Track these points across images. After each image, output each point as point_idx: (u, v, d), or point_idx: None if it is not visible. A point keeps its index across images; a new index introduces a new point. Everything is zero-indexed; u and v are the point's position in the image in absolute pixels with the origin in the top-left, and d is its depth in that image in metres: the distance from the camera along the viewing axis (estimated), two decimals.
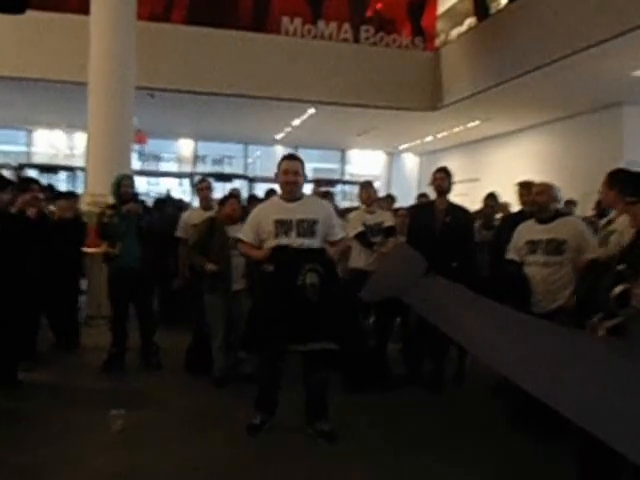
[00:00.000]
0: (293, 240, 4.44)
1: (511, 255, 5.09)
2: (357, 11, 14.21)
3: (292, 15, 13.38)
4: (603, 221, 4.72)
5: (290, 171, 4.55)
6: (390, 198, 8.93)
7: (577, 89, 11.17)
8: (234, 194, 6.68)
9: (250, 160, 20.42)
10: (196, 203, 8.20)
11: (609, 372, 2.73)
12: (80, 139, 17.47)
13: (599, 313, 3.29)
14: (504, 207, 8.02)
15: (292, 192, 4.58)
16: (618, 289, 3.11)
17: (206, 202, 6.98)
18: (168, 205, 9.74)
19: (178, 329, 7.14)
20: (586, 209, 8.60)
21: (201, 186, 7.17)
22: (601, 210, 6.76)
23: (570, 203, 8.59)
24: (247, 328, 4.73)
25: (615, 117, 12.17)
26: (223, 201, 6.15)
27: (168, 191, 11.86)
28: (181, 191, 18.59)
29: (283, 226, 4.47)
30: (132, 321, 6.42)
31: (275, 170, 4.65)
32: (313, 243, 4.50)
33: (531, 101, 12.42)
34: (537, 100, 12.31)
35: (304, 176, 4.65)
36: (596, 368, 2.78)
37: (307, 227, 4.49)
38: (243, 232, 4.72)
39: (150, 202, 10.03)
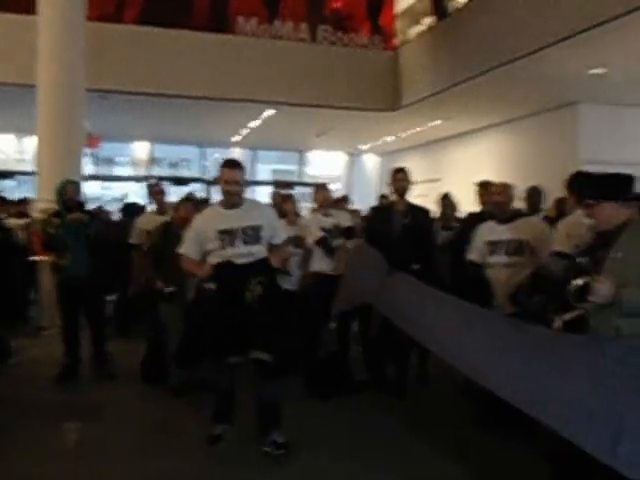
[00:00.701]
0: (240, 249, 4.39)
1: (472, 256, 5.11)
2: (314, 10, 14.18)
3: (248, 15, 13.31)
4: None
5: (230, 181, 4.47)
6: (344, 199, 8.92)
7: (535, 88, 11.30)
8: (189, 197, 6.61)
9: (207, 163, 20.26)
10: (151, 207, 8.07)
11: (569, 368, 2.76)
12: (30, 143, 17.14)
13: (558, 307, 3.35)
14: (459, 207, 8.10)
15: (232, 200, 4.51)
16: (578, 282, 3.11)
17: (160, 207, 6.90)
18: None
19: (134, 338, 7.05)
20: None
21: (155, 190, 7.09)
22: (560, 209, 6.88)
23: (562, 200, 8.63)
24: (183, 343, 4.67)
25: (572, 115, 12.35)
26: (178, 205, 6.08)
27: (126, 195, 11.70)
28: (136, 195, 18.37)
29: (228, 236, 4.40)
30: (86, 330, 6.32)
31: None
32: (259, 250, 4.47)
33: (490, 100, 12.53)
34: (496, 99, 12.43)
35: (246, 182, 4.61)
36: (558, 365, 2.81)
37: (252, 234, 4.45)
38: (183, 246, 4.59)
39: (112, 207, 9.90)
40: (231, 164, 4.59)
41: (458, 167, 16.15)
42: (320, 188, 6.58)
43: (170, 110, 14.18)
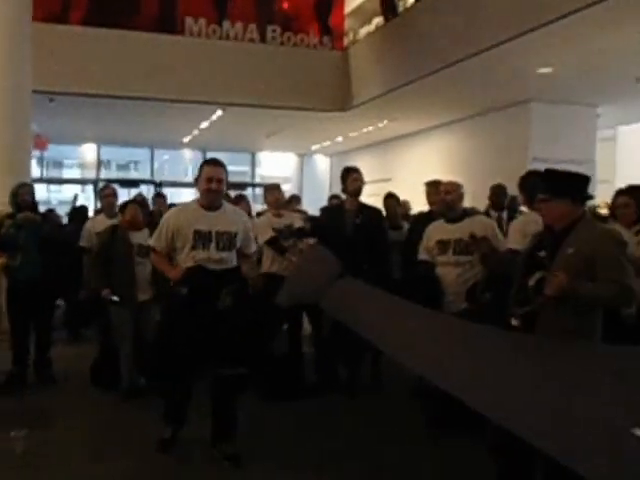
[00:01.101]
0: (212, 254, 4.25)
1: (422, 255, 5.13)
2: (263, 11, 14.12)
3: (196, 16, 13.20)
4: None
5: (214, 178, 4.29)
6: (295, 199, 8.91)
7: (485, 87, 11.40)
8: (137, 199, 6.52)
9: (157, 165, 20.04)
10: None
11: (518, 367, 2.82)
12: None
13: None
14: (405, 206, 8.20)
15: (214, 201, 4.34)
16: (536, 277, 3.20)
17: (110, 209, 6.79)
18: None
19: (85, 341, 6.92)
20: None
21: (105, 193, 6.99)
22: (511, 206, 7.02)
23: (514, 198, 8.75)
24: (154, 354, 4.61)
25: (522, 114, 12.46)
26: (123, 207, 6.00)
27: (76, 196, 11.39)
28: (85, 198, 18.06)
29: (202, 238, 4.25)
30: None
31: (185, 174, 4.51)
32: (230, 257, 4.35)
33: (440, 100, 12.62)
34: (446, 98, 12.51)
35: (227, 183, 4.44)
36: (507, 364, 2.87)
37: (227, 240, 4.31)
38: (155, 238, 4.43)
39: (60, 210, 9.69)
40: (214, 162, 4.43)
41: (408, 167, 16.25)
42: (271, 189, 6.55)
43: (118, 112, 14.00)
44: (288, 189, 14.87)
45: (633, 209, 4.78)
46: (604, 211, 5.16)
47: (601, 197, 7.45)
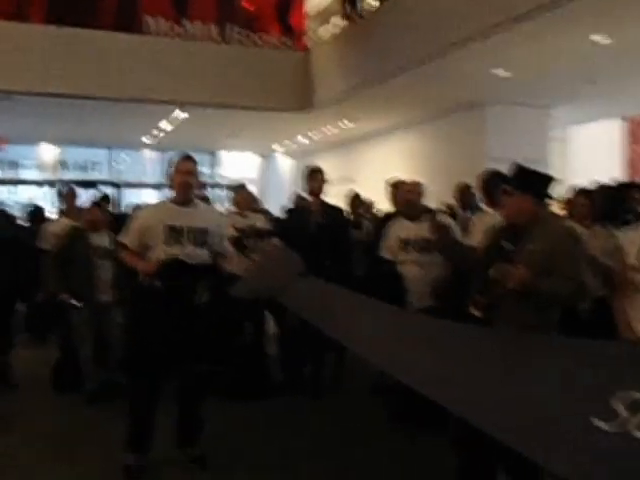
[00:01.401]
0: (185, 249, 4.14)
1: (384, 253, 5.19)
2: (223, 11, 14.00)
3: (155, 14, 13.04)
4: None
5: (188, 171, 4.25)
6: (255, 200, 8.86)
7: (443, 89, 11.57)
8: (96, 201, 6.42)
9: (117, 165, 19.80)
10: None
11: (480, 361, 2.83)
12: None
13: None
14: (368, 206, 8.25)
15: (187, 194, 4.27)
16: (500, 268, 3.24)
17: (70, 211, 6.69)
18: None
19: (47, 344, 6.81)
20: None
21: (66, 194, 6.89)
22: (463, 203, 7.15)
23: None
24: (128, 349, 4.46)
25: (478, 116, 12.73)
26: (84, 208, 5.92)
27: (31, 200, 11.22)
28: (43, 199, 17.75)
29: (175, 233, 4.15)
30: None
31: (145, 175, 4.42)
32: (204, 254, 4.24)
33: (401, 101, 12.75)
34: (407, 100, 12.64)
35: (199, 180, 4.40)
36: (469, 358, 2.88)
37: (200, 236, 4.22)
38: (126, 236, 4.29)
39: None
40: (186, 157, 4.37)
41: (371, 167, 16.38)
42: (239, 189, 6.53)
43: (78, 111, 13.79)
44: (251, 190, 14.78)
45: (588, 209, 5.01)
46: (557, 208, 5.33)
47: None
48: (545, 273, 3.19)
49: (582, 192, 5.22)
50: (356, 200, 7.17)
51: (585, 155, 15.17)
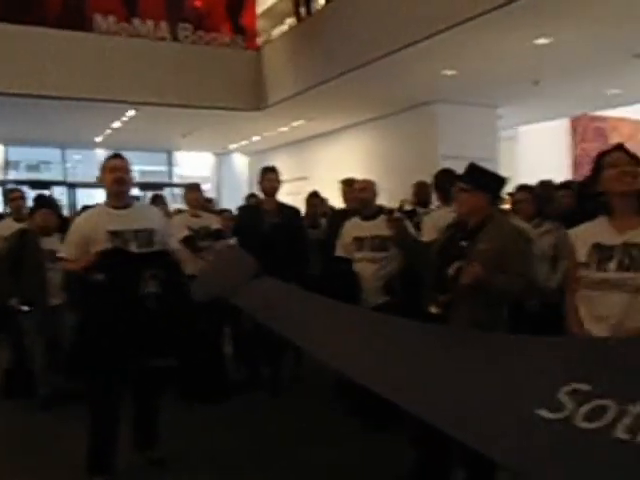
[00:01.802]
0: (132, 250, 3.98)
1: (340, 252, 5.22)
2: (173, 9, 13.85)
3: (105, 12, 12.81)
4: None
5: (118, 167, 4.05)
6: (209, 200, 8.80)
7: (395, 87, 11.70)
8: (47, 204, 6.29)
9: (69, 165, 19.43)
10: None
11: (433, 359, 2.88)
12: None
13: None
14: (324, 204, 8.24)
15: (122, 194, 4.08)
16: (455, 266, 3.34)
17: (18, 213, 6.53)
18: None
19: None
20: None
21: (13, 196, 6.72)
22: (421, 201, 7.21)
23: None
24: (73, 350, 4.20)
25: (430, 114, 12.97)
26: (33, 211, 5.79)
27: None
28: None
29: (118, 238, 3.95)
30: None
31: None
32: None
33: (352, 100, 12.83)
34: (358, 99, 12.75)
35: (132, 178, 4.18)
36: (422, 356, 2.92)
37: (145, 237, 4.04)
38: (65, 249, 4.12)
39: None
40: (115, 155, 4.17)
41: (324, 165, 16.47)
42: (191, 188, 6.46)
43: (27, 110, 13.42)
44: (206, 188, 14.73)
45: (531, 204, 5.12)
46: (506, 205, 5.49)
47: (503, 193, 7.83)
48: (497, 270, 3.28)
49: (524, 188, 5.38)
50: (314, 198, 7.15)
51: (533, 154, 15.61)
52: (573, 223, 3.21)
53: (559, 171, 13.99)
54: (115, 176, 4.02)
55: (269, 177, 5.86)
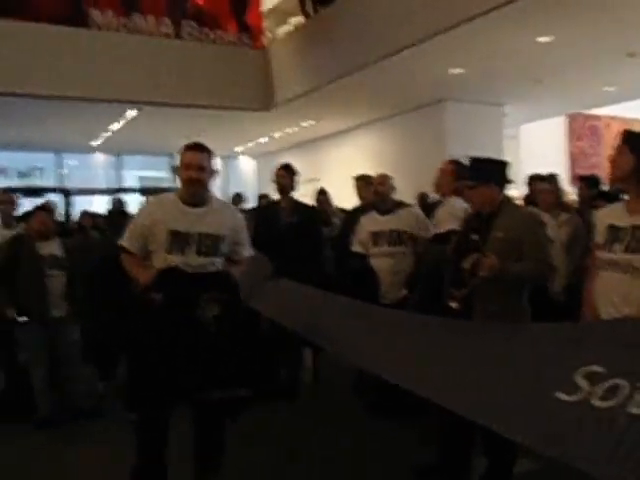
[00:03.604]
0: (189, 260, 3.69)
1: (356, 247, 5.40)
2: (176, 5, 13.88)
3: (103, 7, 12.78)
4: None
5: (193, 165, 3.71)
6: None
7: (403, 87, 11.98)
8: (45, 206, 6.27)
9: (65, 171, 19.44)
10: None
11: (455, 350, 3.07)
12: None
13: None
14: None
15: (195, 193, 3.76)
16: (470, 259, 3.47)
17: (7, 219, 6.49)
18: None
19: None
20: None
21: (2, 199, 6.67)
22: (423, 201, 7.35)
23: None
24: (132, 382, 3.82)
25: (438, 113, 13.32)
26: (27, 216, 5.75)
27: None
28: None
29: (179, 240, 3.69)
30: None
31: (97, 180, 4.16)
32: (214, 263, 3.79)
33: (360, 100, 13.06)
34: (366, 98, 12.97)
35: (212, 172, 3.86)
36: (447, 349, 3.11)
37: (210, 244, 3.75)
38: (126, 238, 3.84)
39: None
40: (195, 146, 3.82)
41: (334, 166, 16.69)
42: None
43: (18, 112, 13.33)
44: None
45: (551, 194, 5.49)
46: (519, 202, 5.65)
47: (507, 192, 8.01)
48: (514, 258, 3.51)
49: (542, 178, 5.76)
50: (322, 195, 7.20)
51: (534, 152, 16.11)
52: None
53: (557, 168, 14.27)
54: (188, 175, 3.74)
55: (279, 174, 5.99)
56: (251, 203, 11.22)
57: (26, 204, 7.40)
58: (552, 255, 3.84)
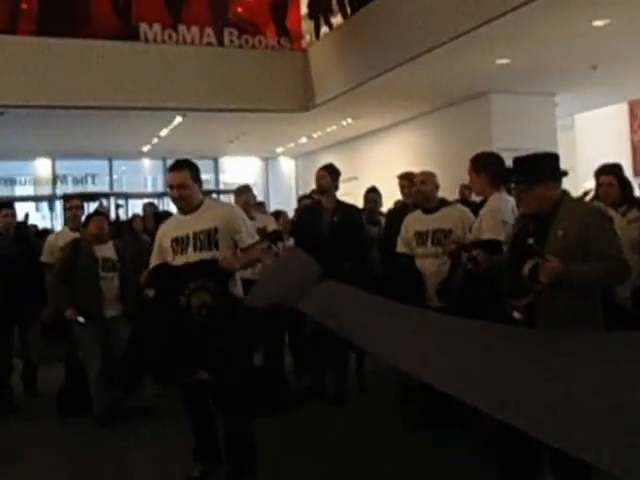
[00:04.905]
0: (189, 257, 4.03)
1: (401, 248, 5.11)
2: (218, 14, 13.99)
3: (150, 21, 12.96)
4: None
5: (174, 185, 4.13)
6: (261, 204, 8.76)
7: (446, 80, 11.52)
8: (100, 211, 6.32)
9: (115, 176, 19.66)
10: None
11: (515, 360, 2.73)
12: None
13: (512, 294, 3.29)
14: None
15: (182, 207, 4.22)
16: (529, 265, 3.10)
17: (74, 223, 6.55)
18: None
19: (51, 366, 6.65)
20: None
21: (70, 205, 6.74)
22: (465, 197, 6.97)
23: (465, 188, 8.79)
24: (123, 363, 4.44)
25: (483, 106, 12.70)
26: (87, 220, 5.81)
27: (27, 215, 10.92)
28: (40, 216, 17.60)
29: (180, 243, 4.09)
30: None
31: (145, 185, 4.34)
32: (213, 256, 4.02)
33: (402, 95, 12.69)
34: (408, 94, 12.59)
35: (197, 182, 4.21)
36: (502, 357, 2.78)
37: (204, 239, 4.05)
38: (152, 256, 4.31)
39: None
40: (174, 166, 4.22)
41: (374, 164, 16.33)
42: (242, 191, 6.42)
43: (73, 123, 13.74)
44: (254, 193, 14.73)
45: (616, 188, 4.67)
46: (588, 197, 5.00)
47: (565, 185, 7.55)
48: (578, 257, 3.07)
49: (606, 170, 4.84)
50: (372, 193, 7.04)
51: (591, 142, 15.16)
52: None
53: (619, 158, 13.59)
54: (172, 195, 4.22)
55: (319, 174, 5.87)
56: (292, 204, 11.22)
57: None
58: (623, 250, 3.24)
